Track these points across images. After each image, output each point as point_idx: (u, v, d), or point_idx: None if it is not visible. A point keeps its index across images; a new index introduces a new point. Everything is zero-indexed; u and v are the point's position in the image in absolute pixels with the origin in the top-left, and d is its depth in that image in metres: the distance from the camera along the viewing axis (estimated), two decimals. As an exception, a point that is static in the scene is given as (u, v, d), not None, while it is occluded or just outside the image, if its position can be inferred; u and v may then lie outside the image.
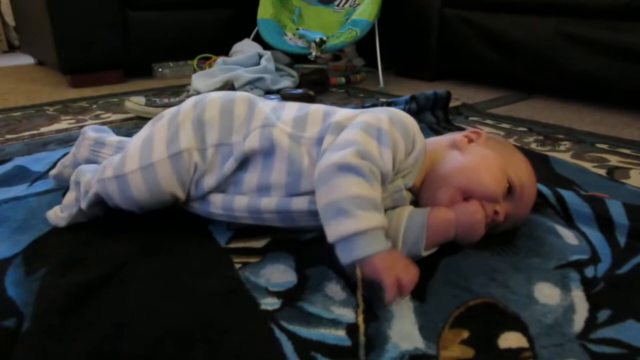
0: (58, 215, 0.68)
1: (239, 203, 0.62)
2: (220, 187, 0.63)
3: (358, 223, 0.49)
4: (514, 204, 0.61)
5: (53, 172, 0.81)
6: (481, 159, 0.62)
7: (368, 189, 0.51)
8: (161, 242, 0.63)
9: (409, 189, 0.63)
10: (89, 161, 0.78)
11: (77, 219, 0.67)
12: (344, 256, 0.49)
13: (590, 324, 0.49)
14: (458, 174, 0.61)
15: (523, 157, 0.65)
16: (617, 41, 1.33)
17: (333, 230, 0.50)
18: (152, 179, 0.62)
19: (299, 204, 0.59)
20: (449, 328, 0.48)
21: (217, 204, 0.63)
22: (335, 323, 0.49)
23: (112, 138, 0.80)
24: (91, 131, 0.81)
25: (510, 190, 0.60)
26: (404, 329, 0.48)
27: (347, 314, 0.50)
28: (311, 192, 0.58)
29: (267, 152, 0.61)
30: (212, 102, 0.65)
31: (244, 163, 0.63)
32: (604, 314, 0.50)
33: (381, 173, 0.54)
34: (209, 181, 0.63)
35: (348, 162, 0.52)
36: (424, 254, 0.57)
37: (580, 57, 1.41)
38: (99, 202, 0.66)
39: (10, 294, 0.53)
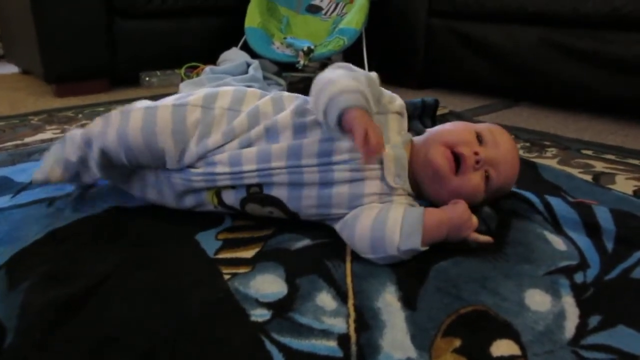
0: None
1: (247, 155, 0.64)
2: (223, 147, 0.65)
3: (345, 84, 0.59)
4: (494, 149, 0.65)
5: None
6: (449, 125, 0.72)
7: (355, 74, 0.62)
8: (148, 253, 0.62)
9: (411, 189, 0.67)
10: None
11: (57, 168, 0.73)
12: (331, 114, 0.57)
13: (581, 330, 0.49)
14: (436, 135, 0.68)
15: None
16: (598, 50, 1.36)
17: (323, 98, 0.59)
18: (150, 118, 0.65)
19: (310, 141, 0.63)
20: (441, 337, 0.48)
21: (223, 162, 0.65)
22: (326, 333, 0.48)
23: None
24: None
25: (480, 138, 0.66)
26: (396, 338, 0.48)
27: (338, 324, 0.50)
28: (319, 127, 0.64)
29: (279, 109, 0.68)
30: (225, 90, 0.72)
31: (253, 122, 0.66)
32: (594, 320, 0.50)
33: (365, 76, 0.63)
34: (215, 137, 0.65)
35: (336, 64, 0.65)
36: (422, 248, 0.59)
37: (563, 65, 1.43)
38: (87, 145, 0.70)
39: (-8, 309, 0.51)
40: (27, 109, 1.54)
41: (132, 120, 0.66)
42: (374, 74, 0.66)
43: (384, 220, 0.60)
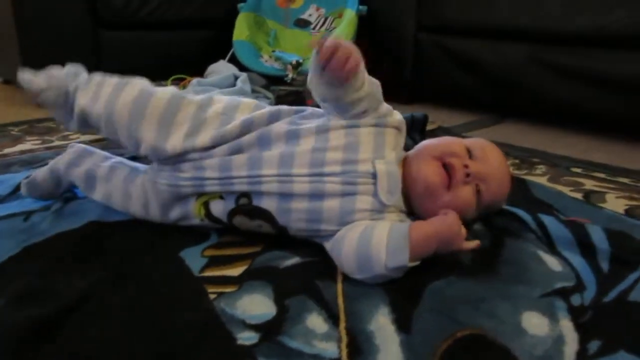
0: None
1: (238, 161, 0.62)
2: (213, 151, 0.64)
3: None
4: (483, 164, 0.65)
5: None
6: (438, 138, 0.73)
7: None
8: (129, 271, 0.59)
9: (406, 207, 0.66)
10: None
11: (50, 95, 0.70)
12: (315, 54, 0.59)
13: (582, 356, 0.47)
14: (426, 148, 0.68)
15: None
16: (586, 67, 1.37)
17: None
18: (144, 100, 0.64)
19: (302, 149, 0.62)
20: (437, 362, 0.46)
21: (213, 167, 0.63)
22: (317, 359, 0.46)
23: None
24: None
25: (470, 153, 0.66)
26: (391, 364, 0.45)
27: (329, 348, 0.47)
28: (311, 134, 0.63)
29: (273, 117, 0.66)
30: (220, 97, 0.71)
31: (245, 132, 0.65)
32: (594, 345, 0.49)
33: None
34: (204, 137, 0.64)
35: None
36: (410, 264, 0.56)
37: (550, 82, 1.44)
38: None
39: (-42, 332, 0.48)
40: (6, 120, 1.49)
41: (125, 93, 0.65)
42: (376, 81, 0.68)
43: (368, 238, 0.58)
